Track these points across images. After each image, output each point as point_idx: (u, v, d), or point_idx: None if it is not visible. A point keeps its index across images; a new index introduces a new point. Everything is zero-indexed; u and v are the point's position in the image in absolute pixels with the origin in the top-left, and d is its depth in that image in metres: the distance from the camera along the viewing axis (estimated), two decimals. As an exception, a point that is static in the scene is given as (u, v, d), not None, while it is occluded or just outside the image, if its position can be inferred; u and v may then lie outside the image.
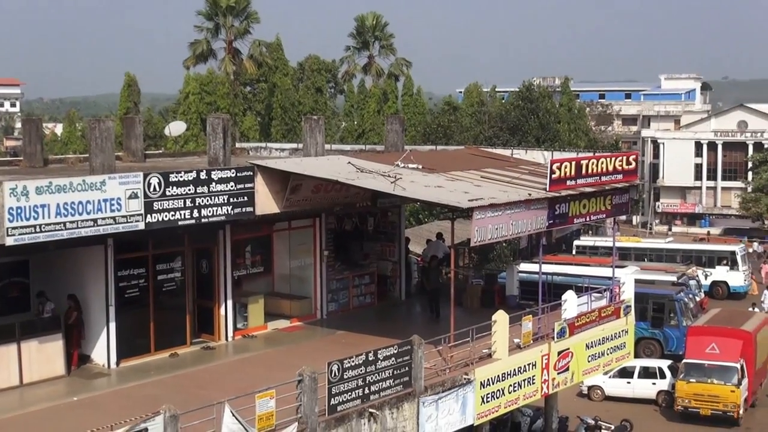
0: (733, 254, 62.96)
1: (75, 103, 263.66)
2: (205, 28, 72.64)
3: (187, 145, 65.19)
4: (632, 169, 28.63)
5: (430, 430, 21.85)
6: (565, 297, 27.25)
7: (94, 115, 65.34)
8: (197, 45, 72.27)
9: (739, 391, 35.73)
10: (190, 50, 72.77)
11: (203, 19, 72.65)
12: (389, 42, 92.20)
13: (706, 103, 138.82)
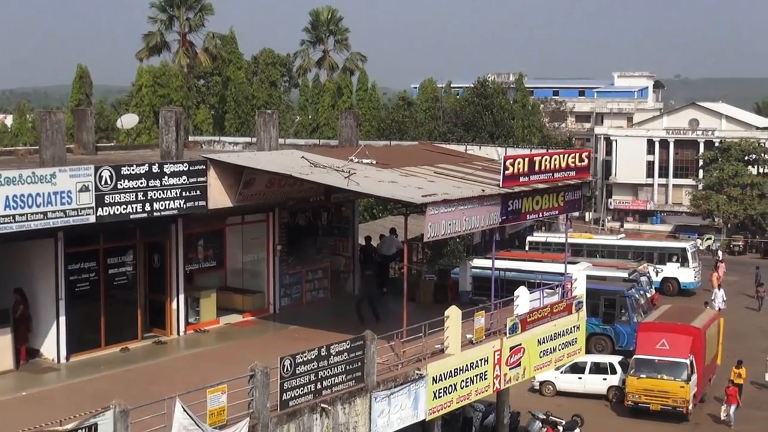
0: (683, 251, 63.48)
1: (26, 94, 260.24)
2: (159, 20, 72.20)
3: (140, 138, 64.65)
4: (585, 166, 28.83)
5: (382, 425, 21.87)
6: (517, 293, 27.39)
7: (45, 107, 64.43)
8: (151, 37, 71.97)
9: (689, 386, 36.07)
10: (144, 42, 72.51)
11: (157, 11, 72.23)
12: (344, 36, 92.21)
13: (659, 101, 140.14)
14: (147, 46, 72.33)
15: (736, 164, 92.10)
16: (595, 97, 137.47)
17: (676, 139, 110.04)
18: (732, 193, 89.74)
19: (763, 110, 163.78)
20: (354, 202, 31.50)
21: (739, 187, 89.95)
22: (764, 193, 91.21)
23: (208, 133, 68.97)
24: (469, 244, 56.60)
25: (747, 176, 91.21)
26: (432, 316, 24.39)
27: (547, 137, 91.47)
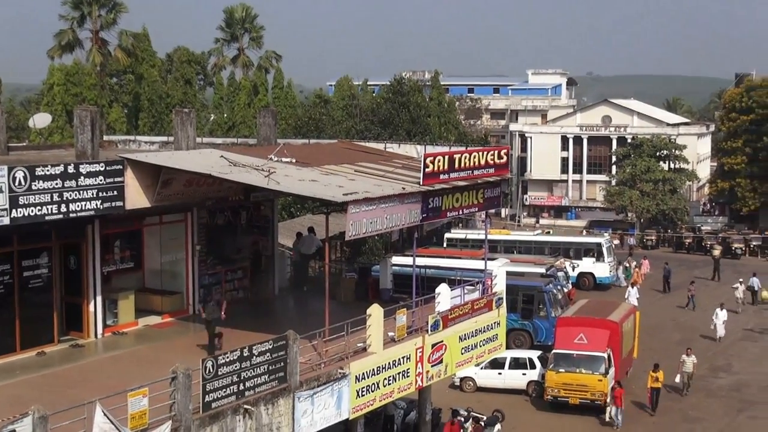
0: (599, 246, 64.32)
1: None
2: (71, 17, 71.03)
3: (52, 138, 63.53)
4: (503, 163, 29.02)
5: (306, 425, 21.79)
6: (438, 290, 27.50)
7: (-49, 106, 63.72)
8: (63, 35, 70.67)
9: (607, 379, 36.51)
10: (55, 40, 71.11)
11: (69, 9, 71.06)
12: (259, 34, 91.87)
13: (572, 98, 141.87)
14: (59, 44, 71.03)
15: (648, 160, 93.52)
16: (509, 94, 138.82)
17: (590, 135, 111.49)
18: (644, 188, 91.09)
19: (673, 107, 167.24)
20: (273, 201, 31.33)
21: (651, 182, 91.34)
22: (675, 188, 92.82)
23: (122, 132, 68.21)
24: (388, 241, 56.60)
25: (659, 172, 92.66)
26: (353, 314, 24.35)
27: (464, 134, 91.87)
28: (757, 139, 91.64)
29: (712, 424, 35.95)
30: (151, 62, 79.27)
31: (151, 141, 37.75)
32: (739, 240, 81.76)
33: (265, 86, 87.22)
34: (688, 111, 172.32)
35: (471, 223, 74.05)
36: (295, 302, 31.04)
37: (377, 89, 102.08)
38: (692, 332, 50.57)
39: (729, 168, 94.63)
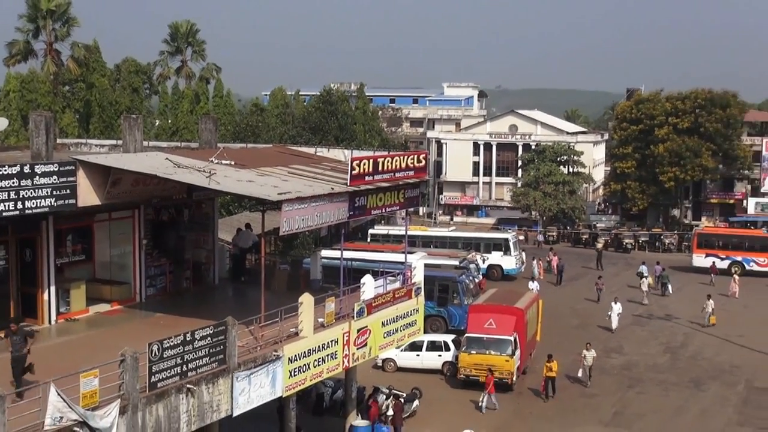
0: (506, 241, 64.96)
1: None
2: (27, 29, 70.15)
3: (8, 140, 62.32)
4: (422, 166, 29.14)
5: (243, 402, 21.69)
6: (363, 280, 27.58)
7: None
8: (14, 45, 70.15)
9: (513, 360, 36.91)
10: (8, 50, 70.57)
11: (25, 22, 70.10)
12: (201, 48, 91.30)
13: (483, 109, 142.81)
14: (11, 53, 70.38)
15: (550, 164, 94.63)
16: (427, 104, 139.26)
17: (498, 142, 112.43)
18: (547, 189, 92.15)
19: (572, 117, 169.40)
20: (214, 200, 31.11)
21: (552, 184, 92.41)
22: (574, 189, 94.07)
23: (74, 136, 67.23)
24: (317, 236, 56.56)
25: (559, 175, 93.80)
26: (287, 302, 24.28)
27: (386, 140, 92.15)
28: (644, 146, 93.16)
29: (605, 399, 36.51)
30: (101, 72, 78.11)
31: (101, 144, 37.25)
32: (629, 236, 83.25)
33: (206, 95, 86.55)
34: (585, 121, 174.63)
35: (392, 220, 74.35)
36: (234, 291, 30.85)
37: (308, 99, 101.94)
38: (588, 318, 51.35)
39: (620, 172, 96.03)
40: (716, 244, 69.23)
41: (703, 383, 39.16)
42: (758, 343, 45.75)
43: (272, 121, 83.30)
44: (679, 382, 39.24)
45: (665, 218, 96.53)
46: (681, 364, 42.43)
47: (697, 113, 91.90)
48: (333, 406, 33.47)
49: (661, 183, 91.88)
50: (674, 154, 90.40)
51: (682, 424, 33.94)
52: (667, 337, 47.57)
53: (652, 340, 46.72)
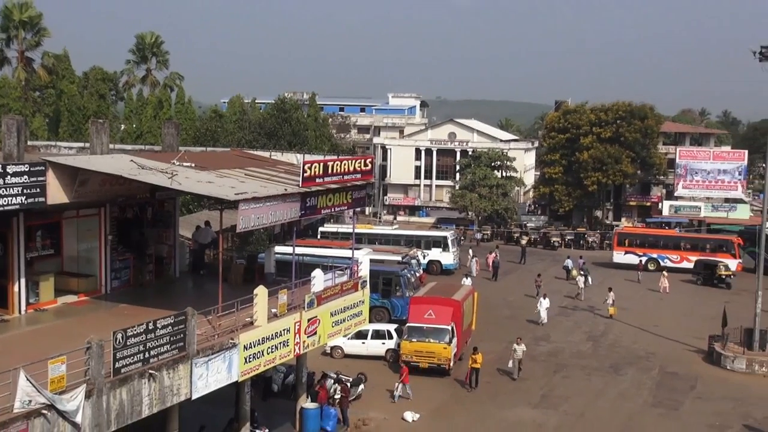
0: (445, 239, 65.25)
1: None
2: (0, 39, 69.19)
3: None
4: (369, 169, 29.21)
5: (201, 386, 21.58)
6: (313, 274, 27.55)
7: None
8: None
9: (450, 348, 37.09)
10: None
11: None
12: (165, 58, 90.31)
13: (424, 118, 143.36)
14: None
15: (485, 169, 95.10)
16: (373, 113, 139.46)
17: (438, 148, 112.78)
18: (482, 192, 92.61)
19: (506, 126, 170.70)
20: (175, 199, 30.83)
21: (487, 187, 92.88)
22: (507, 192, 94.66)
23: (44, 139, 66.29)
24: (271, 233, 56.34)
25: (493, 179, 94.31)
26: (242, 294, 24.27)
27: (335, 145, 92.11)
28: (570, 153, 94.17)
29: (534, 383, 36.84)
30: (70, 79, 76.99)
31: (69, 146, 36.80)
32: (556, 235, 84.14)
33: (169, 102, 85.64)
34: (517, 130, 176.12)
35: (341, 218, 74.21)
36: (193, 284, 30.63)
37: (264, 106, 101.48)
38: (519, 310, 51.75)
39: (549, 176, 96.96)
40: (634, 242, 70.24)
41: (621, 368, 39.66)
42: (670, 332, 46.52)
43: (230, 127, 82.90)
44: (600, 368, 39.71)
45: (589, 219, 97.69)
46: (602, 351, 42.96)
47: (618, 124, 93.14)
48: (285, 390, 33.35)
49: (586, 187, 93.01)
50: (597, 160, 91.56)
51: (602, 406, 34.37)
52: (589, 326, 48.13)
53: (576, 330, 47.24)
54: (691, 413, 33.59)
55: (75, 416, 17.65)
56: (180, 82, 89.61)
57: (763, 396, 35.08)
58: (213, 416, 27.20)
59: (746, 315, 43.11)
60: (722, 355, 40.16)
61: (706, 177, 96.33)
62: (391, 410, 32.64)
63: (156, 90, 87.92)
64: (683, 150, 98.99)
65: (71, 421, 17.61)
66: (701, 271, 62.84)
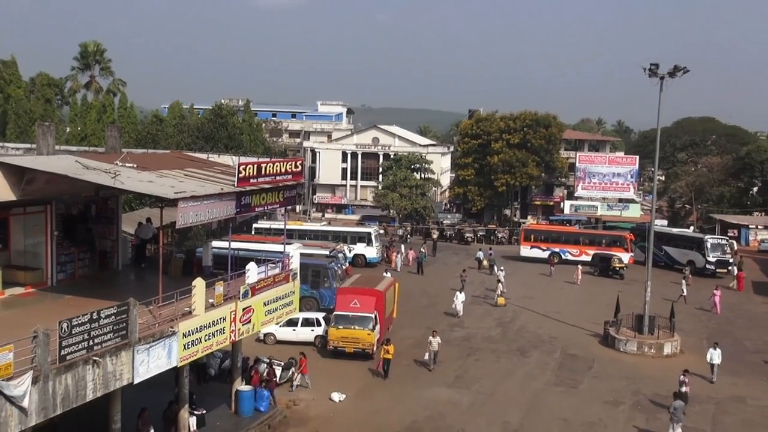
0: (369, 235, 65.35)
1: None
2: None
3: (-70, 144, 59.11)
4: (299, 171, 29.09)
5: (143, 371, 21.21)
6: (248, 267, 27.32)
7: None
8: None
9: (374, 334, 37.18)
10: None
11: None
12: (107, 65, 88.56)
13: (350, 124, 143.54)
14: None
15: (405, 171, 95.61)
16: (303, 119, 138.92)
17: (363, 152, 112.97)
18: (402, 191, 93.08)
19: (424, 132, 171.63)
20: (118, 197, 30.23)
21: (407, 187, 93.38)
22: (425, 192, 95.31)
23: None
24: (209, 229, 55.64)
25: (413, 180, 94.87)
26: (182, 285, 23.92)
27: (268, 149, 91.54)
28: (482, 157, 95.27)
29: (449, 365, 37.13)
30: (18, 84, 75.10)
31: (17, 147, 35.72)
32: (469, 231, 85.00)
33: (112, 106, 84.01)
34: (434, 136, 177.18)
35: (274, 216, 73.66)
36: (135, 276, 30.04)
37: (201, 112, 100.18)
38: (436, 299, 52.12)
39: (462, 178, 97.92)
40: (539, 238, 71.34)
41: (527, 351, 40.25)
42: (571, 318, 47.41)
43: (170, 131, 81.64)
44: (509, 351, 40.24)
45: (499, 216, 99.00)
46: (510, 335, 43.53)
47: (525, 131, 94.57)
48: (221, 374, 33.00)
49: (496, 187, 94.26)
50: (506, 164, 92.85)
51: (510, 385, 34.83)
52: (499, 314, 48.71)
53: (487, 317, 47.76)
54: (588, 390, 34.27)
55: (22, 401, 17.20)
56: (122, 88, 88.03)
57: (651, 375, 36.00)
58: (154, 399, 26.75)
59: (637, 303, 44.23)
60: (616, 339, 41.08)
61: (602, 179, 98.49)
62: (320, 391, 32.56)
63: (100, 95, 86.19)
64: (582, 155, 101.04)
65: (18, 406, 17.16)
66: (598, 264, 64.17)
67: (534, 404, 32.34)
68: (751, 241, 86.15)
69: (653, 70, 39.90)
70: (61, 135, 79.09)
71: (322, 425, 29.32)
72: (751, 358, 40.55)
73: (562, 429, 29.69)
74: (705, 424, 30.61)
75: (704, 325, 47.47)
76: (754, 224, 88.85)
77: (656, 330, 41.22)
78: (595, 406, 32.26)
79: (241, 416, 28.94)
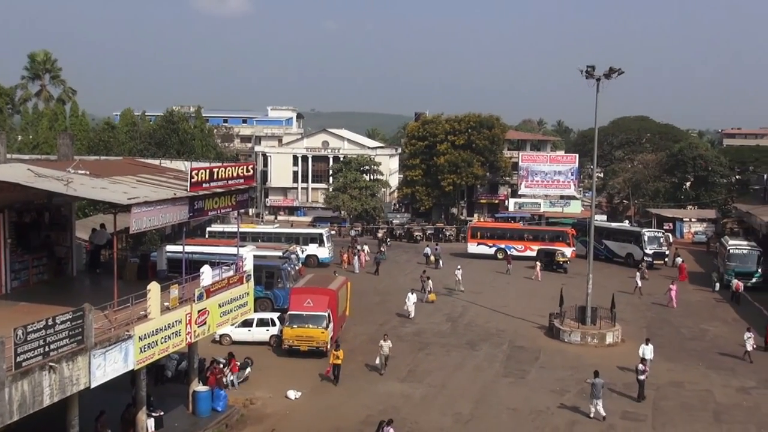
0: (321, 235, 65.18)
1: None
2: None
3: None
4: (250, 175, 28.91)
5: (100, 375, 20.89)
6: (202, 270, 27.08)
7: None
8: None
9: (327, 332, 37.07)
10: None
11: None
12: (58, 74, 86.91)
13: (300, 128, 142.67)
14: None
15: (355, 173, 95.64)
16: (254, 124, 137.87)
17: (313, 155, 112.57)
18: (353, 193, 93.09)
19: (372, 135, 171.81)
20: (71, 204, 29.74)
21: (357, 189, 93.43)
22: (374, 193, 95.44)
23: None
24: (163, 233, 55.03)
25: (362, 181, 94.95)
26: (137, 290, 23.58)
27: (220, 154, 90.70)
28: (429, 158, 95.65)
29: (401, 360, 37.19)
30: (-33, 94, 73.34)
31: (-32, 157, 34.81)
32: (418, 229, 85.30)
33: (63, 114, 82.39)
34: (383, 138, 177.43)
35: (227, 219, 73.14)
36: (90, 282, 29.58)
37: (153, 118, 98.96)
38: (387, 296, 52.20)
39: (410, 179, 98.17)
40: (485, 235, 71.90)
41: (476, 345, 40.52)
42: (517, 311, 47.86)
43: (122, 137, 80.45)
44: (458, 345, 40.46)
45: (446, 215, 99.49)
46: (460, 330, 43.78)
47: (469, 132, 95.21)
48: (178, 376, 32.65)
49: (443, 187, 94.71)
50: (452, 164, 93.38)
51: (461, 377, 35.03)
52: (449, 309, 48.96)
53: (437, 312, 47.94)
54: (536, 380, 34.64)
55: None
56: (73, 95, 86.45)
57: (594, 364, 36.45)
58: (112, 402, 26.36)
59: (579, 295, 44.84)
60: (560, 330, 41.60)
61: (544, 177, 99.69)
62: (276, 389, 32.39)
63: (51, 103, 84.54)
64: (525, 154, 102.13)
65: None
66: (543, 258, 64.86)
67: (484, 395, 32.57)
68: (686, 233, 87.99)
69: (590, 72, 40.49)
70: (12, 144, 77.36)
71: (279, 422, 29.17)
72: (687, 345, 41.40)
73: (511, 418, 29.97)
74: (646, 409, 31.16)
75: (643, 314, 48.32)
76: (688, 217, 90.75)
77: (598, 320, 41.83)
78: (542, 395, 32.61)
79: (198, 416, 28.66)
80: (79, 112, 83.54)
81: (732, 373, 36.16)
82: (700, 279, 60.77)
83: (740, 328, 42.74)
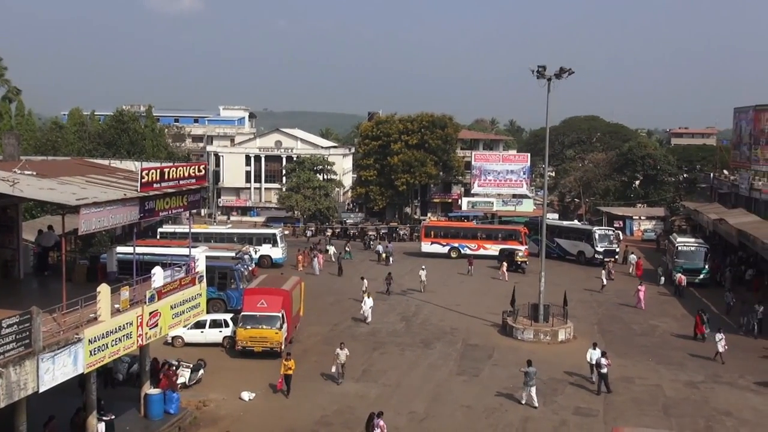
0: (274, 236, 64.88)
1: None
2: None
3: None
4: (202, 175, 28.69)
5: (48, 379, 20.50)
6: (154, 271, 26.76)
7: None
8: None
9: (281, 332, 36.91)
10: None
11: None
12: (3, 72, 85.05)
13: (253, 127, 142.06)
14: None
15: (309, 173, 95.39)
16: (206, 123, 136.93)
17: (266, 155, 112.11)
18: (306, 193, 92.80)
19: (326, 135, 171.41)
20: (18, 205, 29.16)
21: (311, 188, 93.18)
22: (328, 193, 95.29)
23: None
24: (113, 234, 54.26)
25: (316, 181, 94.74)
26: (86, 292, 23.24)
27: (171, 153, 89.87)
28: (383, 158, 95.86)
29: (356, 360, 37.09)
30: None
31: None
32: (372, 229, 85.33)
33: (9, 114, 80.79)
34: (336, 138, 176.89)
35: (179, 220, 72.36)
36: (38, 284, 29.04)
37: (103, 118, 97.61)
38: (341, 294, 52.14)
39: (364, 178, 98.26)
40: (439, 234, 72.20)
41: (430, 343, 40.66)
42: (471, 309, 48.15)
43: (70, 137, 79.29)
44: (413, 344, 40.56)
45: (400, 214, 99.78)
46: (414, 329, 43.88)
47: (423, 132, 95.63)
48: (130, 378, 32.21)
49: (396, 187, 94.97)
50: (406, 164, 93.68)
51: (415, 376, 35.14)
52: (403, 308, 49.07)
53: (391, 312, 48.01)
54: (489, 378, 34.89)
55: None
56: (18, 95, 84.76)
57: (547, 360, 36.89)
58: (61, 406, 25.89)
59: (532, 292, 45.30)
60: (514, 328, 41.98)
61: (497, 177, 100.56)
62: (230, 391, 32.14)
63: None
64: (477, 154, 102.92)
65: None
66: (506, 258, 65.14)
67: (438, 393, 32.71)
68: (635, 231, 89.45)
69: (541, 72, 40.92)
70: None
71: (233, 424, 28.95)
72: (638, 340, 42.10)
73: (465, 416, 30.15)
74: (597, 404, 31.60)
75: (595, 311, 49.00)
76: (637, 215, 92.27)
77: (551, 318, 42.30)
78: (495, 392, 32.86)
79: (150, 419, 28.31)
80: (25, 112, 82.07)
81: (681, 368, 36.85)
82: (650, 276, 61.83)
83: (688, 324, 43.60)
